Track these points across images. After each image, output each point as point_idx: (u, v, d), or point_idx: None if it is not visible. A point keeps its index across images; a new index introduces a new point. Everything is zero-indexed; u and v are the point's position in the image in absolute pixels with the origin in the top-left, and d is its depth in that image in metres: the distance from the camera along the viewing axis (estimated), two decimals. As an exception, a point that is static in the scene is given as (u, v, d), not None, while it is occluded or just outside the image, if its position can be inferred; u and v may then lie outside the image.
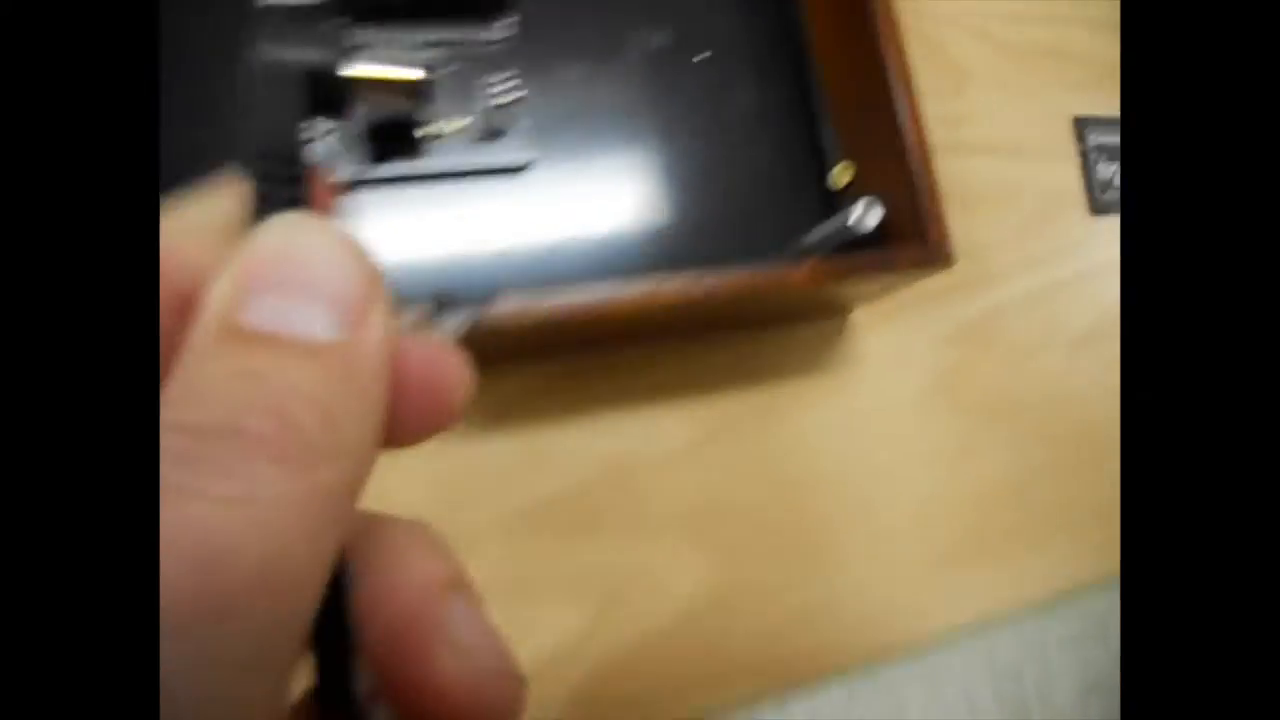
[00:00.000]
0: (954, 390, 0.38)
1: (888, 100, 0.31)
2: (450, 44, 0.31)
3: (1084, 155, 0.44)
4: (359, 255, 0.11)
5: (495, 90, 0.31)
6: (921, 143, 0.31)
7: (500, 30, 0.31)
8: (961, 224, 0.39)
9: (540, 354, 0.32)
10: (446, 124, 0.30)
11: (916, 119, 0.31)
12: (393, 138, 0.29)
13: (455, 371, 0.13)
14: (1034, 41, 0.44)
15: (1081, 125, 0.44)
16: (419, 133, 0.29)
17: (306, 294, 0.11)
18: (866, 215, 0.31)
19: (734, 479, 0.35)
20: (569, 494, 0.33)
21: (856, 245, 0.33)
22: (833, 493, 0.36)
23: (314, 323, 0.11)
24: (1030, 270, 0.41)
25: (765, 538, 0.35)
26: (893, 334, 0.38)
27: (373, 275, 0.11)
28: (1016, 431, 0.39)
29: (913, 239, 0.31)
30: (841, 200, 0.35)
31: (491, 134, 0.30)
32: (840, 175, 0.34)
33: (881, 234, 0.31)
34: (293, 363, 0.11)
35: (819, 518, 0.36)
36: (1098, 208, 0.43)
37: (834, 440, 0.36)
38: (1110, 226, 0.44)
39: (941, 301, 0.39)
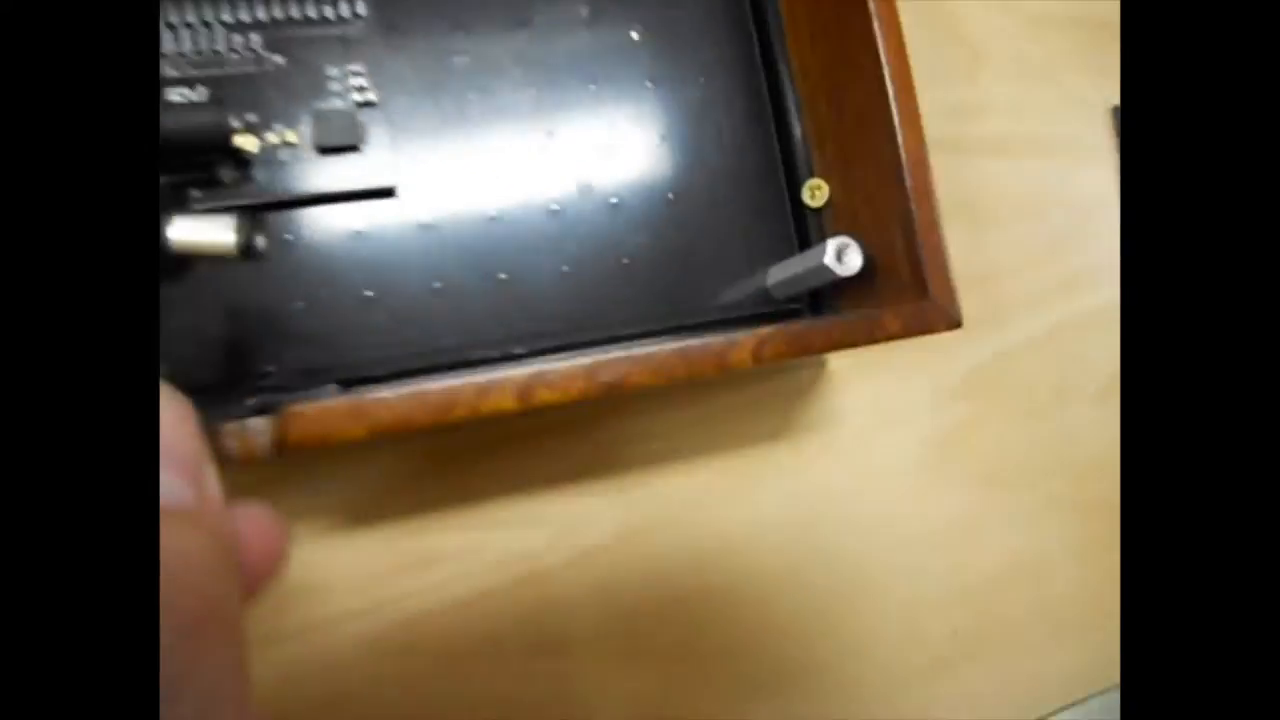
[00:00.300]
0: (955, 454, 0.31)
1: (874, 93, 0.23)
2: (280, 24, 0.23)
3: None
4: (186, 413, 0.12)
5: (337, 88, 0.23)
6: (920, 160, 0.23)
7: (345, 7, 0.23)
8: (970, 246, 0.32)
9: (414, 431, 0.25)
10: (274, 134, 0.22)
11: (914, 125, 0.23)
12: (202, 159, 0.21)
13: (274, 529, 0.14)
14: (1066, 14, 0.35)
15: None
16: (236, 145, 0.21)
17: (178, 464, 0.11)
18: (842, 259, 0.23)
19: (675, 575, 0.27)
20: (458, 603, 0.25)
21: (835, 286, 0.25)
22: (802, 586, 0.29)
23: (173, 489, 0.11)
24: (1054, 301, 0.33)
25: (714, 650, 0.27)
26: (880, 384, 0.30)
27: (197, 432, 0.12)
28: (1029, 503, 0.32)
29: (907, 290, 0.23)
30: (824, 219, 0.27)
31: (336, 147, 0.23)
32: (814, 194, 0.26)
33: (866, 271, 0.23)
34: (177, 531, 0.11)
35: (785, 619, 0.28)
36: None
37: (803, 520, 0.29)
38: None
39: (941, 344, 0.31)
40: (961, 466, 0.31)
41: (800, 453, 0.29)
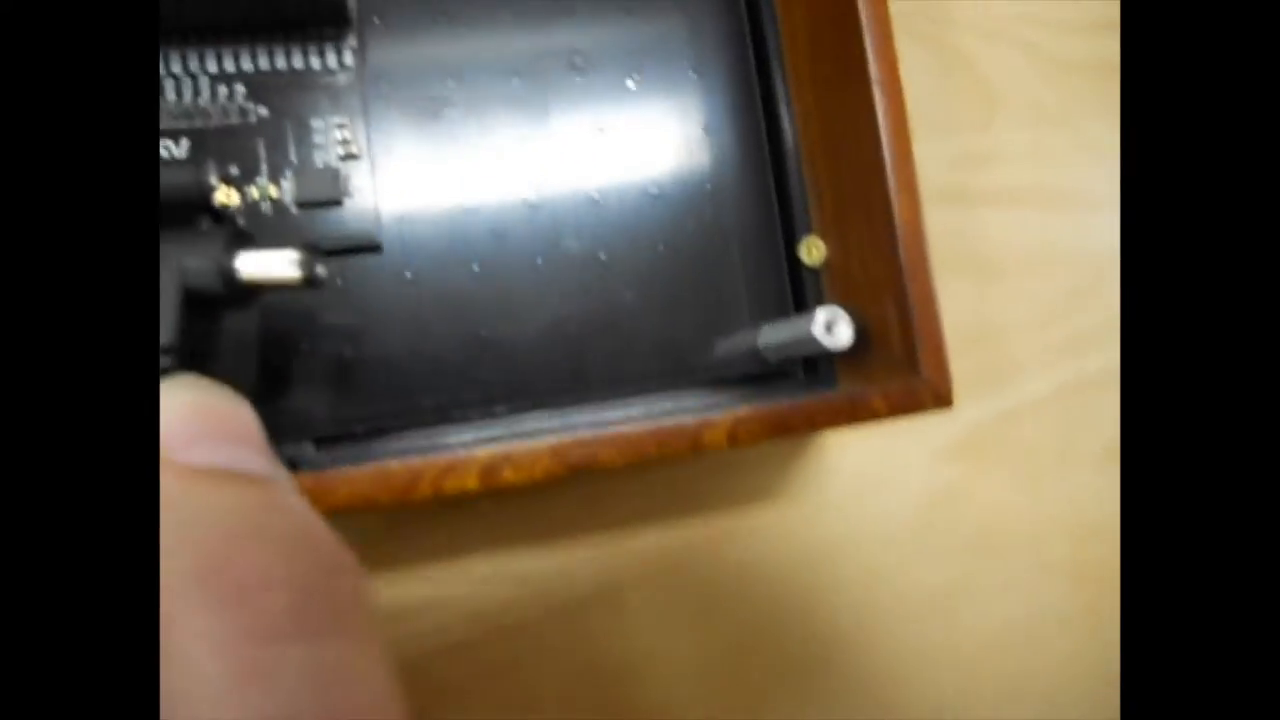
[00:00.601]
0: (950, 516, 0.30)
1: (870, 155, 0.23)
2: (265, 75, 0.22)
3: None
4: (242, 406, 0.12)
5: (321, 140, 0.22)
6: (915, 230, 0.22)
7: (333, 57, 0.23)
8: (974, 300, 0.31)
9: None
10: (256, 188, 0.22)
11: (911, 193, 0.22)
12: (180, 214, 0.21)
13: None
14: (1088, 56, 0.34)
15: (1141, 163, 0.35)
16: (218, 201, 0.21)
17: (237, 438, 0.12)
18: (831, 331, 0.22)
19: (654, 634, 0.27)
20: (429, 656, 0.25)
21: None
22: (784, 650, 0.28)
23: (251, 462, 0.11)
24: (1061, 361, 0.32)
25: (695, 713, 0.27)
26: (874, 441, 0.30)
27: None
28: (1025, 569, 0.31)
29: (899, 364, 0.22)
30: (821, 279, 0.26)
31: (318, 202, 0.22)
32: (810, 251, 0.26)
33: (860, 341, 0.23)
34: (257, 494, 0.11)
35: (765, 682, 0.28)
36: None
37: (788, 580, 0.28)
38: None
39: (943, 402, 0.30)
40: (956, 529, 0.30)
41: (788, 511, 0.28)
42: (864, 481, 0.29)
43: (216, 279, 0.17)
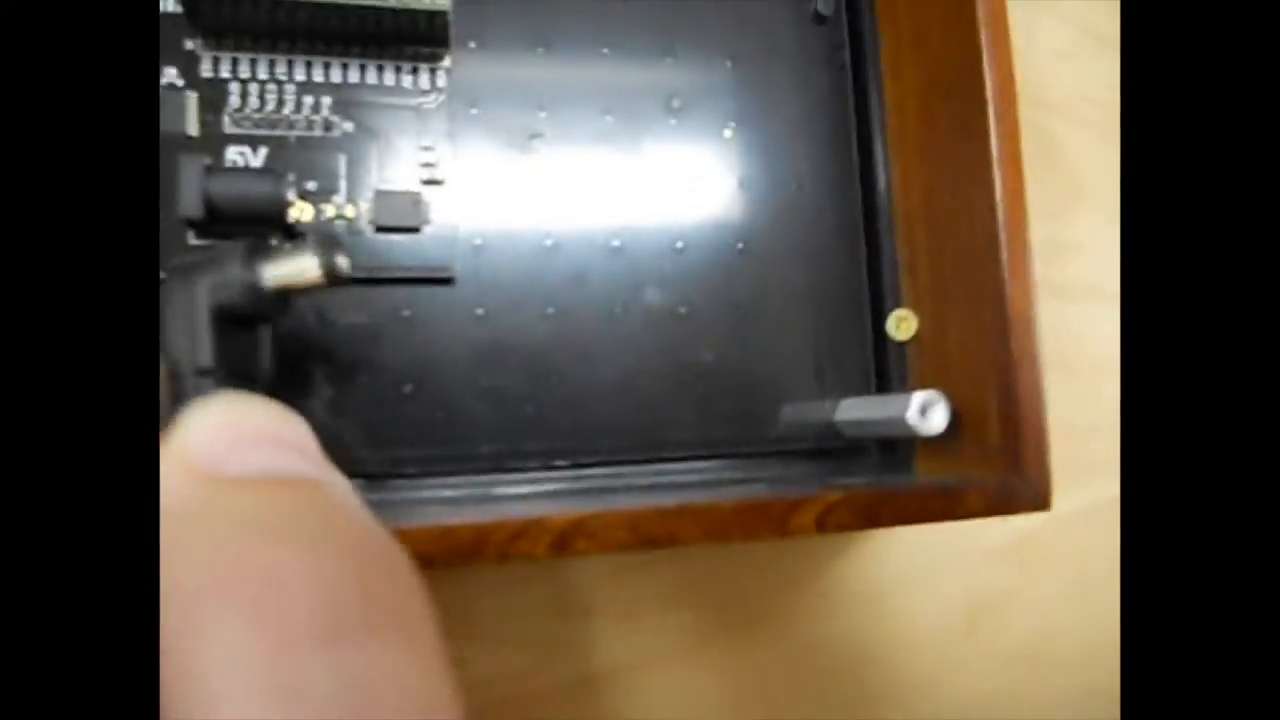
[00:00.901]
0: (994, 623, 0.28)
1: (982, 231, 0.21)
2: (354, 88, 0.21)
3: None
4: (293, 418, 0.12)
5: (405, 162, 0.21)
6: (1026, 317, 0.20)
7: (425, 78, 0.22)
8: (1053, 400, 0.29)
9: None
10: (332, 205, 0.21)
11: (1023, 277, 0.21)
12: (251, 227, 0.20)
13: None
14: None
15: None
16: (291, 217, 0.20)
17: (280, 445, 0.11)
18: (926, 415, 0.21)
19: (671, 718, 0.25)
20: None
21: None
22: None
23: (297, 465, 0.11)
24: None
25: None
26: (923, 534, 0.28)
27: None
28: (1068, 689, 0.29)
29: (994, 456, 0.21)
30: (908, 355, 0.25)
31: (395, 227, 0.21)
32: (899, 326, 0.24)
33: (951, 427, 0.21)
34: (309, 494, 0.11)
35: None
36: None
37: (820, 674, 0.26)
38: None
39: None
40: (999, 637, 0.28)
41: (822, 602, 0.27)
42: (908, 577, 0.27)
43: (244, 293, 0.16)
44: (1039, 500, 0.20)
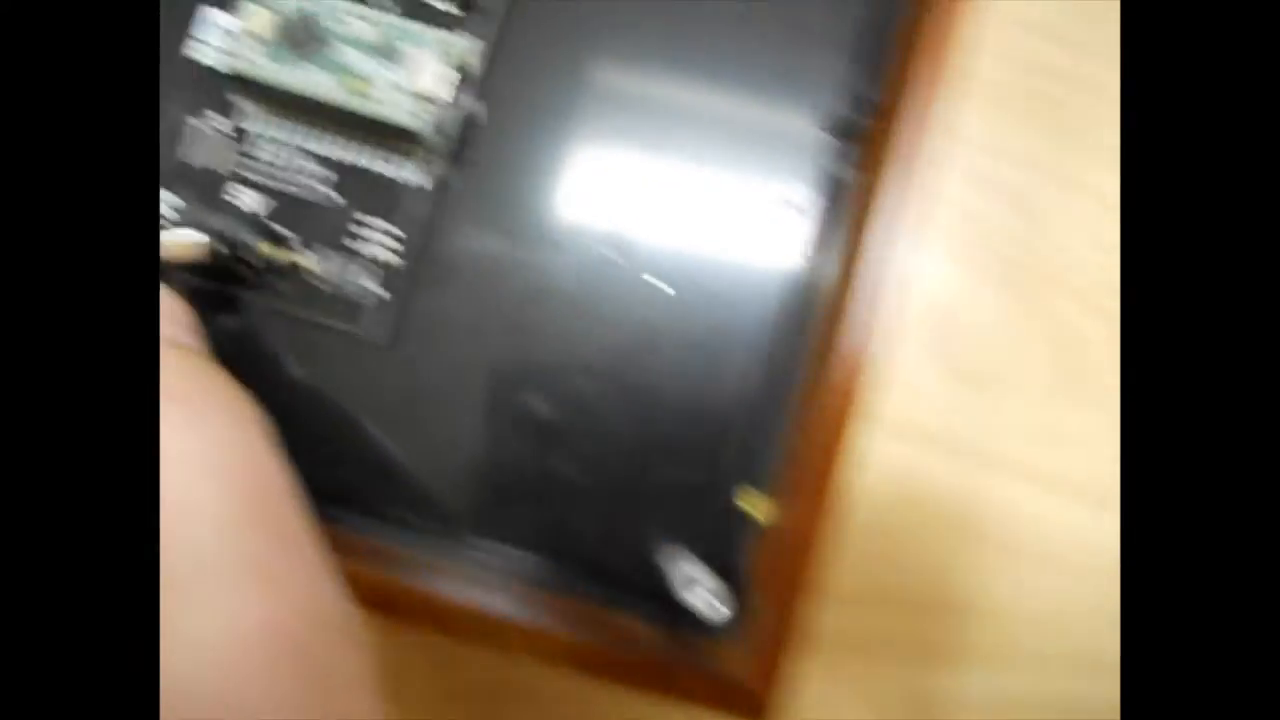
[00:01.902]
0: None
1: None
2: (352, 170, 0.26)
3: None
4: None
5: (375, 238, 0.25)
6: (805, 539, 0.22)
7: (420, 173, 0.26)
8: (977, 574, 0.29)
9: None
10: (296, 254, 0.25)
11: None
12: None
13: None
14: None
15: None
16: (258, 253, 0.25)
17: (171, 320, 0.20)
18: (712, 606, 0.22)
19: None
20: None
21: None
22: None
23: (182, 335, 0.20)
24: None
25: None
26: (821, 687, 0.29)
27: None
28: None
29: (749, 658, 0.22)
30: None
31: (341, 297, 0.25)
32: (751, 502, 0.26)
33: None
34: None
35: None
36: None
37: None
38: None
39: (896, 654, 0.29)
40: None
41: None
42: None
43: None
44: (754, 709, 0.21)
